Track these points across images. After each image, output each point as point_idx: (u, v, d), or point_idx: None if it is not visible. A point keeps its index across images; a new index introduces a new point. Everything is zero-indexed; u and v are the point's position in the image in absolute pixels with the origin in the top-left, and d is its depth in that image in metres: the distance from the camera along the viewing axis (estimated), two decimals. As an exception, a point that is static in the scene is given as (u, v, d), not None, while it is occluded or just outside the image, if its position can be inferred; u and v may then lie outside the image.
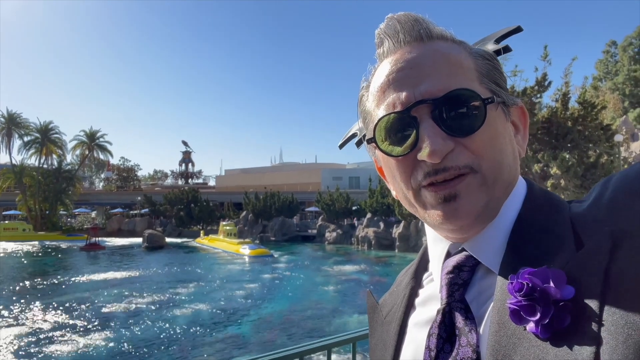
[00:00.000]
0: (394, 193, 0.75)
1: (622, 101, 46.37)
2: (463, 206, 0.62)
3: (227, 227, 41.96)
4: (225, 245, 38.35)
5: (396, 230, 37.44)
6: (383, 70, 0.69)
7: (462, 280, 0.66)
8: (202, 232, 48.57)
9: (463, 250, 0.68)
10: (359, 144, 0.96)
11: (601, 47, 56.41)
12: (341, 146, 1.00)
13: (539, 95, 19.60)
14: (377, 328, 0.85)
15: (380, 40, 0.72)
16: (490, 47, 0.76)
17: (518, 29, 0.80)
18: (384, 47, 0.72)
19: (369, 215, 42.11)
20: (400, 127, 0.64)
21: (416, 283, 0.80)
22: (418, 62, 0.66)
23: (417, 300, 0.78)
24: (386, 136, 0.66)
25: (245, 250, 33.99)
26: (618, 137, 20.09)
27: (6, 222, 55.13)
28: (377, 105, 0.69)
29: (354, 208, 47.67)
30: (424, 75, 0.65)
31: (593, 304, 0.48)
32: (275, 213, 51.85)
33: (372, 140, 0.69)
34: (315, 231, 49.88)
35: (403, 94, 0.64)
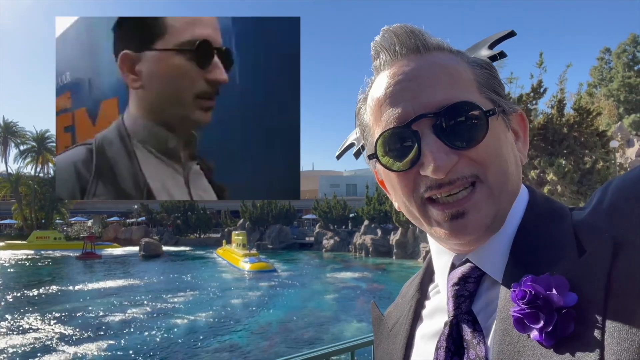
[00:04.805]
0: (395, 205, 0.74)
1: (617, 107, 46.59)
2: (472, 222, 0.62)
3: (238, 237, 38.22)
4: (231, 257, 36.31)
5: (393, 237, 37.35)
6: (381, 83, 0.68)
7: (468, 291, 0.66)
8: (224, 241, 45.47)
9: (467, 261, 0.67)
10: (357, 154, 0.95)
11: (595, 54, 56.92)
12: (339, 157, 0.99)
13: (534, 102, 19.69)
14: (382, 340, 0.84)
15: (377, 52, 0.72)
16: (485, 52, 0.76)
17: (511, 34, 0.80)
18: (380, 60, 0.71)
19: (366, 222, 42.02)
20: (401, 142, 0.64)
21: (422, 295, 0.80)
22: (416, 74, 0.65)
23: (424, 312, 0.77)
24: (387, 151, 0.65)
25: (246, 265, 31.70)
26: (614, 143, 20.18)
27: (38, 230, 54.54)
28: (376, 119, 0.68)
29: (351, 215, 47.61)
30: (423, 88, 0.63)
31: (596, 310, 0.48)
32: (272, 221, 51.76)
33: (374, 156, 0.68)
34: (312, 239, 49.73)
35: (402, 108, 0.63)
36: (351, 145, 0.93)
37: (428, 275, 0.82)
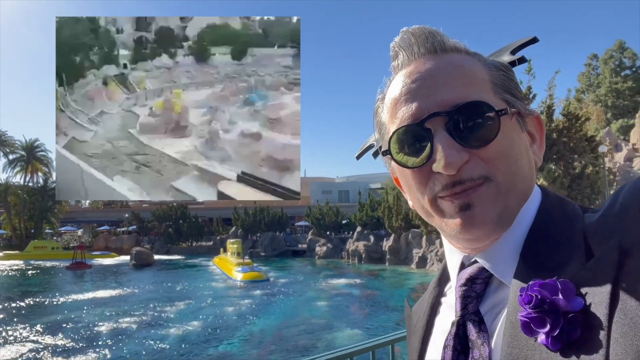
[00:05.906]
0: (410, 203, 0.76)
1: (605, 113, 47.18)
2: (478, 214, 0.62)
3: (233, 246, 37.29)
4: (225, 266, 35.67)
5: (386, 244, 37.40)
6: (398, 82, 0.70)
7: (475, 292, 0.67)
8: (221, 249, 44.01)
9: (476, 261, 0.68)
10: (375, 154, 0.97)
11: (583, 60, 57.60)
12: (358, 157, 1.02)
13: (524, 108, 19.88)
14: (410, 336, 0.86)
15: (395, 53, 0.74)
16: (506, 58, 0.77)
17: (534, 40, 0.82)
18: (398, 60, 0.73)
19: (359, 228, 42.06)
20: (414, 139, 0.65)
21: (439, 292, 0.81)
22: (432, 74, 0.66)
23: (440, 309, 0.79)
24: (401, 148, 0.66)
25: (239, 274, 30.76)
26: (602, 148, 20.45)
27: (36, 240, 54.22)
28: (392, 117, 0.70)
29: (344, 222, 47.61)
30: (438, 86, 0.65)
31: (602, 315, 0.48)
32: (264, 228, 51.60)
33: (387, 153, 0.69)
34: (305, 246, 49.61)
35: (417, 106, 0.65)
36: (371, 146, 0.94)
37: (446, 273, 0.82)
